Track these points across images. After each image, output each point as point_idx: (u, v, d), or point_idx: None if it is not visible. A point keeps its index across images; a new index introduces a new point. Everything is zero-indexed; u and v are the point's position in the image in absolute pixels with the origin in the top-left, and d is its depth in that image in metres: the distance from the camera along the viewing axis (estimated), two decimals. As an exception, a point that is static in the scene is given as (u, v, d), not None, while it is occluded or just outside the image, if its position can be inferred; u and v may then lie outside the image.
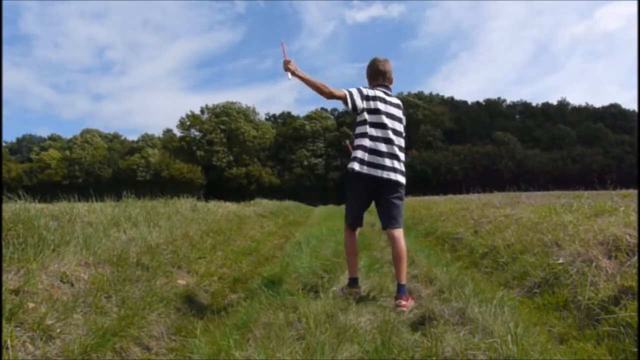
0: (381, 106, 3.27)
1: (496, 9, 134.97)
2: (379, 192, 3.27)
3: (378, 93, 3.31)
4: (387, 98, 3.33)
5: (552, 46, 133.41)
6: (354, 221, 3.43)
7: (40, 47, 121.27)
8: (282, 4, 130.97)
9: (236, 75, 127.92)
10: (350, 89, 3.26)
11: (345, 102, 3.22)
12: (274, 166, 60.24)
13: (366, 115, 3.25)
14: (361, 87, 3.31)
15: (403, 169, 3.30)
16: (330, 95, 3.19)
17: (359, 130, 3.29)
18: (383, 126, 3.25)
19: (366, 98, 3.26)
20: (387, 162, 3.20)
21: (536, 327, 2.49)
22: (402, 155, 3.31)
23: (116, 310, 2.83)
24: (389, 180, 3.20)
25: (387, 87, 3.41)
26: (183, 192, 9.58)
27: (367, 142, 3.22)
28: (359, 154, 3.23)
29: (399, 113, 3.36)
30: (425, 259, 4.59)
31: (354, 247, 3.48)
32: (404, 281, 3.13)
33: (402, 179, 3.27)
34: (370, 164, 3.20)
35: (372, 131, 3.24)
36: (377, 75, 3.42)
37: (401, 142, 3.33)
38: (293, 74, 3.16)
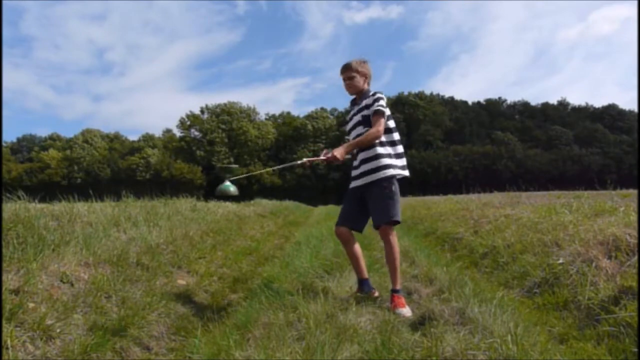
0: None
1: (496, 11, 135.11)
2: None
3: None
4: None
5: (551, 48, 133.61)
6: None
7: (41, 48, 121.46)
8: (285, 5, 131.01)
9: (235, 76, 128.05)
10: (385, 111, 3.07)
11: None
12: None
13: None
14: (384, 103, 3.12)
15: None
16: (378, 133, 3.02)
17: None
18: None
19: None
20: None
21: (536, 327, 2.50)
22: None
23: (116, 310, 2.83)
24: None
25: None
26: (183, 192, 9.58)
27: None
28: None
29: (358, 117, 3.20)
30: (425, 259, 4.59)
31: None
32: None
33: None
34: None
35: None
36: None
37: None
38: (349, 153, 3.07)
